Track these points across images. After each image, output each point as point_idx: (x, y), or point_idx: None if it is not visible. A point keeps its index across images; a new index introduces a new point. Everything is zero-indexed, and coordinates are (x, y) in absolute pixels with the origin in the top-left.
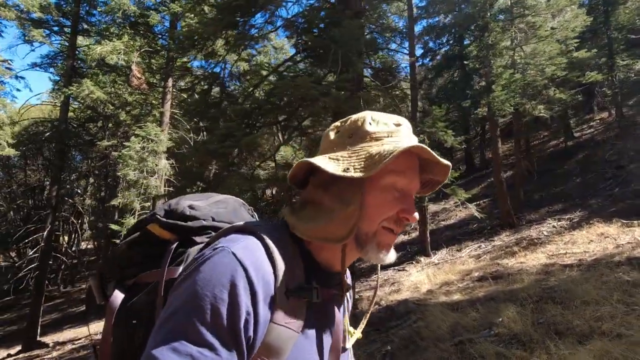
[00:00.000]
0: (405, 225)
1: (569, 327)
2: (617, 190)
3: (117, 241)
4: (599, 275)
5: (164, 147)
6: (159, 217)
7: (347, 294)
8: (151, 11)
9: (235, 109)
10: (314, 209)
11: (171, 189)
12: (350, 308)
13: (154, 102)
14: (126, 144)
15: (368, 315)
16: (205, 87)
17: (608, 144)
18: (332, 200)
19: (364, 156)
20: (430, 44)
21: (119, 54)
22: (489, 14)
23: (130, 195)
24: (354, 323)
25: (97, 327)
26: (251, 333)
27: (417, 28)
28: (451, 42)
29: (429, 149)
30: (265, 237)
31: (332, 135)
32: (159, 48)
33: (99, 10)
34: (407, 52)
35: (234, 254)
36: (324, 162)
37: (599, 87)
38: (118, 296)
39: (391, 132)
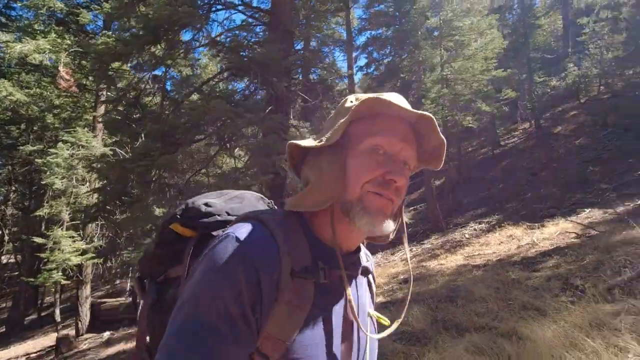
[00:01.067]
0: (395, 188)
1: (455, 323)
2: (529, 195)
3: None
4: (495, 274)
5: (97, 154)
6: (177, 216)
7: (370, 276)
8: (82, 9)
9: (154, 127)
10: (305, 186)
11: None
12: (374, 290)
13: (86, 105)
14: (52, 150)
15: (407, 305)
16: (132, 99)
17: (527, 152)
18: (313, 172)
19: (336, 127)
20: (375, 55)
21: (44, 52)
22: (419, 32)
23: (58, 205)
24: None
25: (17, 350)
26: (258, 314)
27: (362, 38)
28: (393, 54)
29: (390, 100)
30: (268, 221)
31: (327, 120)
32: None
33: (20, 4)
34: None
35: (237, 238)
36: (306, 140)
37: (521, 101)
38: (151, 292)
39: (366, 100)
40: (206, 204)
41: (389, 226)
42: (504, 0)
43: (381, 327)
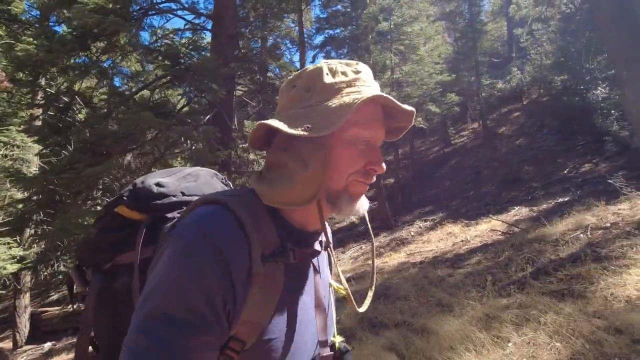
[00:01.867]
0: (374, 176)
1: (380, 320)
2: (472, 193)
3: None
4: (426, 272)
5: (33, 153)
6: (125, 198)
7: (328, 249)
8: None
9: (80, 138)
10: (278, 172)
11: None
12: (334, 264)
13: (22, 100)
14: None
15: (374, 286)
16: (62, 105)
17: (474, 151)
18: (294, 162)
19: (322, 111)
20: (333, 54)
21: None
22: (370, 36)
23: None
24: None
25: None
26: (230, 305)
27: (320, 38)
28: (350, 54)
29: (391, 97)
30: (233, 206)
31: (288, 90)
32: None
33: None
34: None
35: (202, 225)
36: (282, 123)
37: (470, 102)
38: (97, 281)
39: (350, 81)
40: (158, 184)
41: (366, 205)
42: (455, 6)
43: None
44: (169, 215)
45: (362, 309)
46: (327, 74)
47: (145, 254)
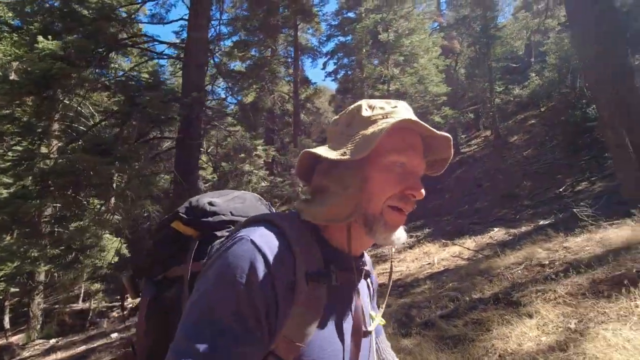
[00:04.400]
0: (414, 202)
1: None
2: (465, 207)
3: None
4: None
5: None
6: (181, 214)
7: (369, 279)
8: None
9: (38, 171)
10: (320, 195)
11: None
12: (374, 293)
13: None
14: None
15: (385, 301)
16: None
17: (481, 161)
18: (335, 184)
19: (359, 139)
20: (345, 60)
21: None
22: (364, 50)
23: None
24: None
25: None
26: (273, 318)
27: (331, 45)
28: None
29: (421, 121)
30: (282, 225)
31: (333, 127)
32: None
33: None
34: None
35: (252, 241)
36: (324, 150)
37: (482, 109)
38: (149, 291)
39: (387, 113)
40: (210, 203)
41: (404, 236)
42: (468, 11)
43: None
44: (219, 233)
45: (370, 328)
46: (366, 109)
47: (196, 268)
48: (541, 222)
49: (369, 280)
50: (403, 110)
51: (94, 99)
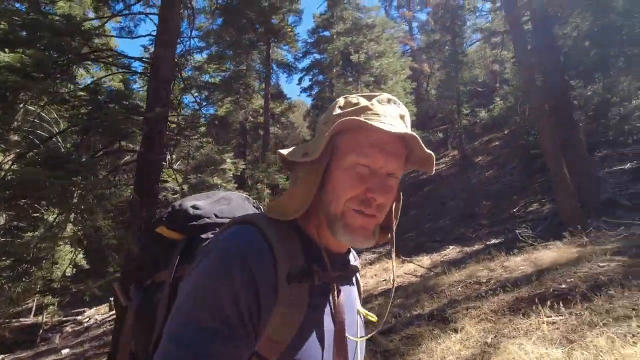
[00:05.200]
0: (377, 206)
1: None
2: (428, 225)
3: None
4: None
5: None
6: (164, 219)
7: (356, 278)
8: None
9: None
10: (286, 191)
11: None
12: (361, 289)
13: None
14: None
15: (390, 304)
16: None
17: (448, 179)
18: (292, 181)
19: (319, 139)
20: (320, 77)
21: None
22: (334, 69)
23: None
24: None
25: None
26: (256, 319)
27: (307, 61)
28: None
29: (373, 123)
30: (262, 225)
31: (319, 124)
32: None
33: None
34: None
35: (234, 242)
36: (291, 151)
37: (450, 129)
38: (137, 297)
39: (358, 110)
40: (194, 206)
41: (370, 242)
42: (438, 36)
43: (368, 323)
44: (204, 236)
45: (366, 337)
46: (339, 106)
47: (180, 272)
48: (492, 241)
49: (357, 274)
50: (379, 108)
51: (55, 109)
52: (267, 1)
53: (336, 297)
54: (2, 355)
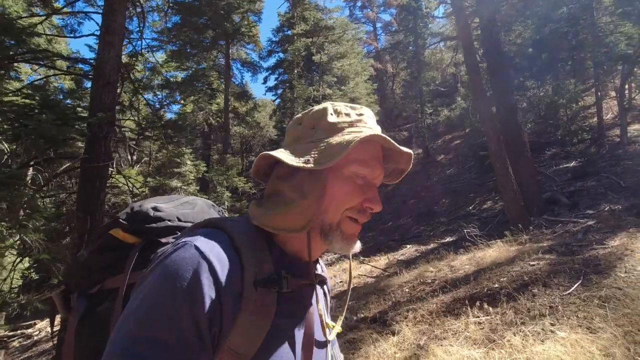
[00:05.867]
0: (370, 214)
1: None
2: (389, 224)
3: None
4: None
5: None
6: (121, 220)
7: (325, 286)
8: None
9: None
10: (275, 199)
11: None
12: (329, 301)
13: None
14: None
15: (345, 310)
16: None
17: (411, 178)
18: (292, 191)
19: (324, 147)
20: (285, 77)
21: None
22: (295, 70)
23: None
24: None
25: None
26: (217, 327)
27: (272, 60)
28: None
29: (389, 138)
30: (230, 229)
31: (294, 128)
32: None
33: None
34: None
35: (196, 247)
36: (285, 154)
37: (415, 128)
38: (81, 305)
39: (353, 121)
40: (155, 208)
41: (358, 247)
42: (402, 37)
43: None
44: (163, 240)
45: (330, 337)
46: (331, 114)
47: (134, 278)
48: (447, 239)
49: (325, 287)
50: (368, 120)
51: None
52: (224, 1)
53: (305, 306)
54: None
